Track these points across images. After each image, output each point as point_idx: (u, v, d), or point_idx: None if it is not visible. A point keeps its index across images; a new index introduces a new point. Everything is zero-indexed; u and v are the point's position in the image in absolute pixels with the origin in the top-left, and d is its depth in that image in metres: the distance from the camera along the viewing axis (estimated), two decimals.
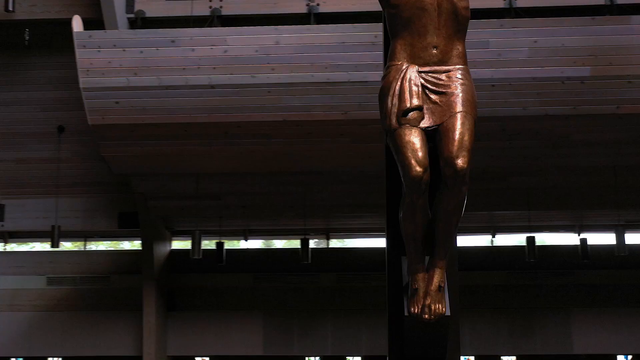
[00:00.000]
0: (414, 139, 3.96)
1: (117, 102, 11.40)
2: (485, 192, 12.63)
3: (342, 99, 11.34)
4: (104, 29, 12.00)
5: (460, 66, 4.16)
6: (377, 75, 11.06)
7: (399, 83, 4.10)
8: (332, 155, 12.11)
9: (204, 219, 14.05)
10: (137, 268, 14.66)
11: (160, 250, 14.73)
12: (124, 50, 11.25)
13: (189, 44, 11.26)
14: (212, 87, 11.30)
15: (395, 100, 4.07)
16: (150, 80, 11.31)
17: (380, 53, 11.34)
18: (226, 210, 13.98)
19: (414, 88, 4.07)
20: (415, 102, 4.03)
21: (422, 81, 4.10)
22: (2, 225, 14.99)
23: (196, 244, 12.78)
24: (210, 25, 12.40)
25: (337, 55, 11.19)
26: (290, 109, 11.44)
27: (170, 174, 12.91)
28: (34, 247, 16.52)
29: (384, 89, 4.15)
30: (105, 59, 11.24)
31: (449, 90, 4.06)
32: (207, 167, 12.47)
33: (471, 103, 4.06)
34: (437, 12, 4.13)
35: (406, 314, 4.02)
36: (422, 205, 3.98)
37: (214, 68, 11.25)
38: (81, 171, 14.52)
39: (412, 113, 4.02)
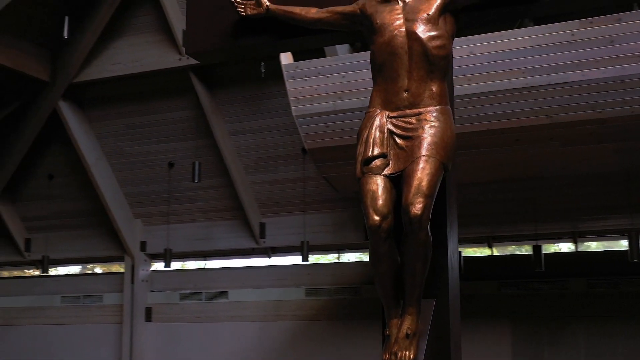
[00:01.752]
0: (375, 187, 3.97)
1: (327, 126, 11.99)
2: None
3: (544, 103, 10.89)
4: (320, 56, 12.60)
5: (434, 107, 4.06)
6: (579, 75, 10.58)
7: (367, 131, 4.13)
8: (543, 160, 11.65)
9: None
10: None
11: None
12: (327, 77, 11.81)
13: None
14: None
15: (362, 149, 4.11)
16: (354, 103, 11.72)
17: (580, 51, 10.78)
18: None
19: (378, 135, 4.07)
20: (377, 150, 4.04)
21: (392, 127, 4.08)
22: (264, 242, 16.42)
23: None
24: None
25: (533, 58, 10.76)
26: (492, 118, 11.21)
27: None
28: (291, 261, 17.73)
29: (357, 138, 4.20)
30: (312, 87, 11.89)
31: (415, 134, 4.01)
32: None
33: (438, 145, 3.96)
34: (408, 55, 4.10)
35: None
36: (386, 252, 3.97)
37: None
38: (326, 189, 15.38)
39: (375, 161, 4.03)
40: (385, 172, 4.01)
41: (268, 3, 4.64)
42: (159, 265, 17.50)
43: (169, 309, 17.05)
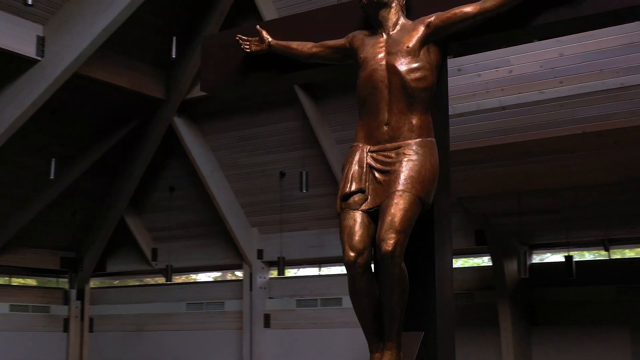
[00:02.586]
0: (352, 222, 4.00)
1: None
2: None
3: None
4: None
5: (413, 140, 4.04)
6: None
7: (348, 166, 4.16)
8: None
9: (553, 232, 13.85)
10: (492, 284, 14.91)
11: (513, 265, 14.74)
12: None
13: (474, 69, 11.32)
14: (503, 108, 11.20)
15: (342, 184, 4.14)
16: None
17: None
18: (568, 222, 13.60)
19: (357, 170, 4.09)
20: (354, 186, 4.06)
21: (372, 161, 4.09)
22: None
23: (522, 263, 12.65)
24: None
25: (627, 57, 10.29)
26: (587, 120, 10.81)
27: (491, 194, 13.03)
28: None
29: (342, 173, 4.24)
30: None
31: (393, 168, 4.01)
32: (518, 185, 12.34)
33: (414, 179, 3.94)
34: (388, 88, 4.10)
35: None
36: (364, 287, 4.00)
37: (502, 90, 11.15)
38: None
39: (354, 196, 4.05)
40: (363, 207, 4.03)
41: (270, 39, 4.75)
42: (276, 272, 17.92)
43: (286, 316, 17.42)
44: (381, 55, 4.18)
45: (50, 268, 19.18)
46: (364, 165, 4.09)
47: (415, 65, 4.10)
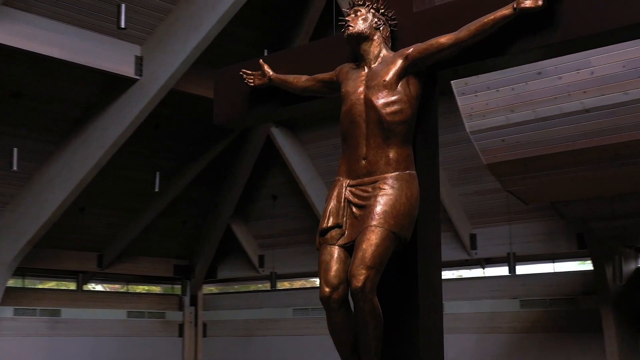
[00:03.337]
0: (328, 257, 4.04)
1: (502, 140, 11.68)
2: None
3: None
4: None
5: (390, 174, 4.04)
6: None
7: (327, 200, 4.20)
8: None
9: None
10: (595, 289, 14.40)
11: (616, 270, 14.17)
12: (497, 90, 11.50)
13: (554, 72, 10.97)
14: (587, 111, 10.81)
15: (321, 219, 4.18)
16: (527, 115, 11.31)
17: None
18: None
19: (335, 205, 4.13)
20: (331, 221, 4.09)
21: (350, 195, 4.12)
22: (476, 253, 16.23)
23: (617, 268, 12.16)
24: None
25: None
26: None
27: (584, 198, 12.61)
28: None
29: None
30: (483, 102, 11.65)
31: (368, 203, 4.02)
32: (610, 188, 11.88)
33: (387, 214, 3.93)
34: (366, 123, 4.12)
35: None
36: (341, 322, 4.03)
37: (585, 92, 10.75)
38: None
39: (331, 232, 4.09)
40: (340, 242, 4.05)
41: (271, 73, 4.84)
42: None
43: None
44: (360, 89, 4.19)
45: (164, 275, 19.98)
46: (342, 200, 4.12)
47: (391, 99, 4.08)
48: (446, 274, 17.40)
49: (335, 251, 4.04)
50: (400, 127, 4.07)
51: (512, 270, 14.42)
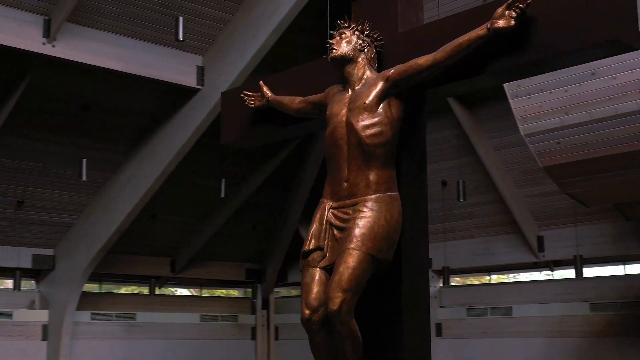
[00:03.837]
0: (309, 280, 4.11)
1: (558, 143, 11.45)
2: None
3: None
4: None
5: (370, 196, 4.06)
6: None
7: (312, 223, 4.25)
8: None
9: None
10: None
11: None
12: (550, 92, 11.27)
13: (608, 72, 10.68)
14: None
15: (304, 242, 4.23)
16: (581, 117, 11.05)
17: None
18: None
19: (317, 227, 4.18)
20: (313, 243, 4.14)
21: (332, 218, 4.16)
22: (544, 255, 15.94)
23: None
24: None
25: None
26: None
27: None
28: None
29: None
30: (537, 104, 11.43)
31: (348, 225, 4.05)
32: None
33: (365, 237, 3.95)
34: (347, 145, 4.15)
35: None
36: (322, 342, 4.07)
37: None
38: None
39: (313, 254, 4.14)
40: (322, 264, 4.09)
41: (269, 94, 4.92)
42: (450, 281, 17.82)
43: (457, 325, 17.26)
44: (343, 112, 4.22)
45: (236, 279, 20.30)
46: (324, 223, 4.15)
47: (370, 121, 4.09)
48: (514, 277, 17.15)
49: (317, 273, 4.09)
50: (380, 150, 4.08)
51: (579, 272, 14.13)
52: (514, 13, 3.77)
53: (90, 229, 16.81)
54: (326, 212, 4.18)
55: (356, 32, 4.37)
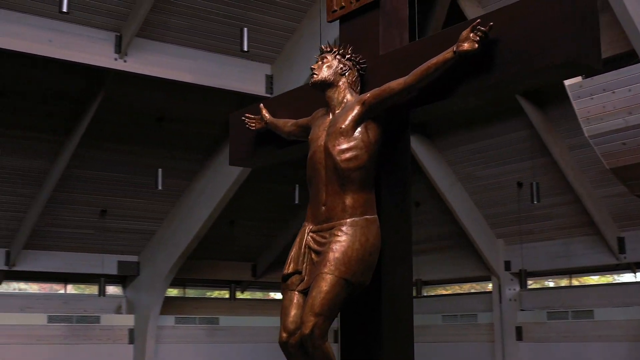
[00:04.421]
0: (287, 303, 4.17)
1: (623, 144, 11.09)
2: None
3: None
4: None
5: (345, 220, 4.09)
6: None
7: (292, 247, 4.31)
8: None
9: None
10: None
11: None
12: (613, 92, 10.93)
13: None
14: None
15: (285, 265, 4.30)
16: None
17: None
18: None
19: (296, 251, 4.24)
20: (292, 267, 4.20)
21: (311, 241, 4.21)
22: (625, 257, 15.43)
23: None
24: None
25: None
26: None
27: None
28: None
29: None
30: (600, 104, 11.11)
31: (324, 249, 4.09)
32: None
33: (338, 261, 3.98)
34: (325, 169, 4.20)
35: None
36: None
37: None
38: None
39: (292, 277, 4.20)
40: (299, 287, 4.14)
41: (268, 117, 5.00)
42: (530, 284, 17.48)
43: (537, 328, 16.91)
44: (322, 136, 4.25)
45: None
46: (303, 246, 4.20)
47: (346, 145, 4.10)
48: (595, 279, 16.67)
49: (295, 297, 4.14)
50: (355, 173, 4.09)
51: None
52: (477, 36, 3.74)
53: (171, 236, 17.30)
54: (305, 236, 4.23)
55: (337, 56, 4.39)
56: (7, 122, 14.69)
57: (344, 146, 4.11)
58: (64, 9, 11.21)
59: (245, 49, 13.11)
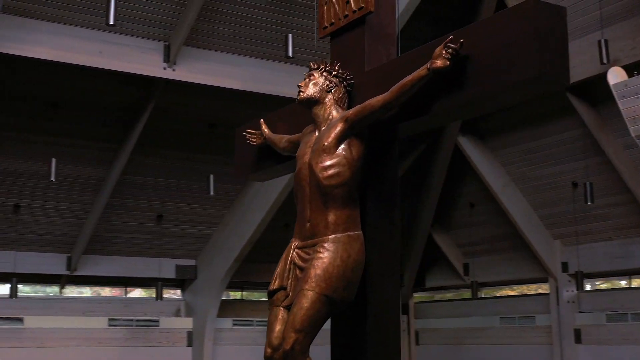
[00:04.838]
0: (272, 319, 4.22)
1: None
2: None
3: None
4: None
5: (328, 236, 4.12)
6: None
7: (279, 263, 4.36)
8: None
9: None
10: None
11: None
12: None
13: None
14: None
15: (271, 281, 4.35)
16: None
17: None
18: None
19: (281, 267, 4.29)
20: (277, 283, 4.25)
21: (296, 258, 4.25)
22: None
23: None
24: None
25: None
26: None
27: None
28: None
29: None
30: None
31: (306, 265, 4.13)
32: None
33: (319, 277, 4.01)
34: (309, 186, 4.23)
35: None
36: None
37: None
38: None
39: (277, 293, 4.25)
40: (284, 303, 4.18)
41: (266, 132, 5.06)
42: (587, 285, 17.13)
43: (596, 331, 16.55)
44: (308, 153, 4.28)
45: None
46: (288, 262, 4.24)
47: (329, 162, 4.11)
48: None
49: (280, 313, 4.18)
50: (337, 190, 4.10)
51: None
52: (448, 54, 3.72)
53: (226, 240, 17.54)
54: (291, 252, 4.27)
55: (324, 73, 4.42)
56: (63, 132, 15.13)
57: (327, 163, 4.13)
58: (111, 22, 11.46)
59: (290, 54, 13.17)
